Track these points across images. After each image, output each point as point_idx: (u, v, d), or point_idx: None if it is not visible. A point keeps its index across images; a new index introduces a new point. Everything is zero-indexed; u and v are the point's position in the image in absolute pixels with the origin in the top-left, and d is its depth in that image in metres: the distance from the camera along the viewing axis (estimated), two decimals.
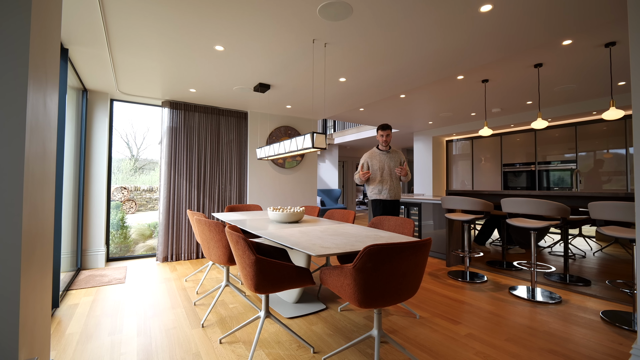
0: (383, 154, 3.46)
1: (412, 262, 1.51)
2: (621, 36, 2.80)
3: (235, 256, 1.84)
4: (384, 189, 3.38)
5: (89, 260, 3.80)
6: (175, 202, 4.25)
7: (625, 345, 1.99)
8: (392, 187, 3.40)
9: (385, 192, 3.38)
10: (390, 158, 3.44)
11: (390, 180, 3.40)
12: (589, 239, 5.38)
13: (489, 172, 6.87)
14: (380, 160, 3.43)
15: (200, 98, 4.21)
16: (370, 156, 3.49)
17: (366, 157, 3.50)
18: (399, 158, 3.47)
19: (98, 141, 3.90)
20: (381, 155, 3.45)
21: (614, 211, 2.32)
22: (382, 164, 3.41)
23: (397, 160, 3.45)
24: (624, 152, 4.96)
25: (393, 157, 3.45)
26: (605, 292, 2.91)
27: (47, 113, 1.08)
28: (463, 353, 1.90)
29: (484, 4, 2.02)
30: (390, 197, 3.38)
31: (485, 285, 3.19)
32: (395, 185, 3.42)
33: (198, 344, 2.02)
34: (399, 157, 3.48)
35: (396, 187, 3.42)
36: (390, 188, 3.39)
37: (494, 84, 4.15)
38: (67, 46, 2.65)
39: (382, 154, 3.46)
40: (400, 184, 3.46)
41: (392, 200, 3.41)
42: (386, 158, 3.43)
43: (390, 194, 3.38)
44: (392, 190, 3.39)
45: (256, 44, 2.61)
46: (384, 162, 3.42)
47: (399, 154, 3.50)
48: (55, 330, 2.20)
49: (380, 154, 3.46)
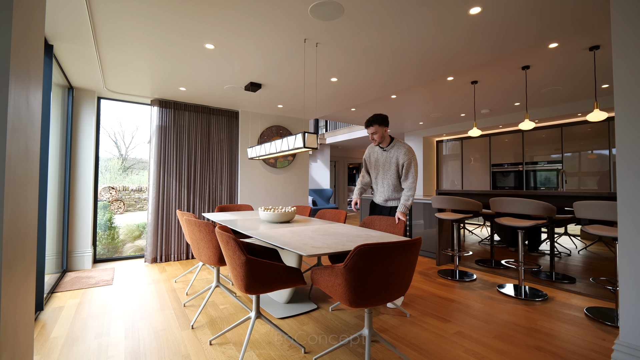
0: (379, 150, 2.82)
1: (402, 262, 1.52)
2: (604, 40, 2.88)
3: (225, 257, 1.82)
4: (377, 192, 2.90)
5: (75, 262, 3.72)
6: (165, 202, 4.18)
7: (609, 340, 2.05)
8: (382, 192, 2.83)
9: (377, 195, 2.91)
10: (385, 157, 2.76)
11: (382, 184, 2.81)
12: (574, 237, 5.52)
13: (478, 172, 6.98)
14: (376, 159, 2.86)
15: (190, 97, 4.16)
16: (368, 154, 2.96)
17: (365, 156, 2.99)
18: (395, 158, 2.69)
19: (85, 140, 3.81)
20: (378, 152, 2.85)
21: (597, 210, 2.39)
22: (377, 163, 2.85)
23: (393, 160, 2.70)
24: (607, 153, 5.10)
25: (388, 156, 2.74)
26: (590, 289, 2.99)
27: (30, 111, 1.05)
28: (452, 351, 1.93)
29: (473, 6, 2.05)
30: (380, 202, 2.89)
31: (474, 283, 3.24)
32: (387, 192, 2.78)
33: (188, 345, 2.00)
34: (396, 156, 2.69)
35: (387, 193, 2.79)
36: (380, 192, 2.85)
37: (483, 86, 4.22)
38: (51, 42, 2.58)
39: (379, 151, 2.83)
40: (392, 189, 2.76)
41: (383, 207, 2.88)
42: (381, 157, 2.81)
43: (381, 198, 2.86)
44: (382, 195, 2.84)
45: (247, 42, 2.59)
46: (378, 163, 2.83)
47: (398, 153, 2.68)
48: (39, 334, 2.14)
49: (377, 151, 2.85)
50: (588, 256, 4.41)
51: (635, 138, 1.57)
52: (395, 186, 2.75)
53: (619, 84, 1.64)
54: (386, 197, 2.82)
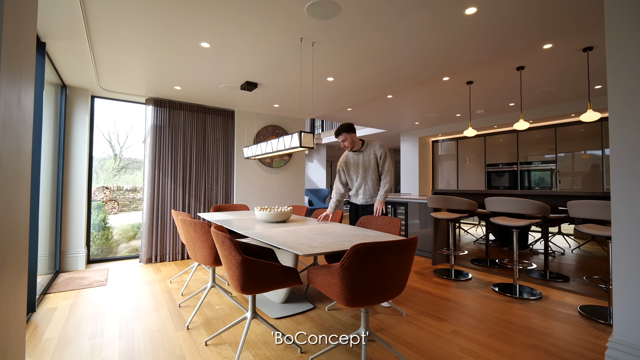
0: (355, 154, 2.99)
1: (398, 261, 1.52)
2: (598, 41, 2.91)
3: (221, 256, 1.81)
4: (359, 192, 2.99)
5: (68, 263, 3.67)
6: (160, 202, 4.15)
7: (602, 338, 2.07)
8: (367, 190, 2.94)
9: (360, 196, 2.99)
10: (364, 157, 2.95)
11: (366, 183, 2.94)
12: (568, 236, 5.58)
13: (473, 172, 7.02)
14: (354, 163, 3.00)
15: (185, 96, 4.13)
16: (344, 160, 3.08)
17: (341, 163, 3.10)
18: (373, 154, 2.91)
19: (78, 139, 3.77)
20: (353, 157, 3.01)
21: (591, 209, 2.41)
22: (356, 166, 2.98)
23: (372, 157, 2.91)
24: (600, 153, 5.16)
25: (366, 155, 2.94)
26: (583, 288, 3.02)
27: (21, 109, 1.03)
28: (448, 350, 1.94)
29: (469, 6, 2.06)
30: (365, 202, 2.97)
31: (469, 282, 3.26)
32: (371, 188, 2.94)
33: (183, 346, 1.98)
34: (373, 152, 2.91)
35: (371, 189, 2.93)
36: (365, 191, 2.95)
37: (478, 86, 4.24)
38: (44, 40, 2.55)
39: (354, 155, 3.01)
40: (376, 185, 2.94)
41: (370, 205, 2.97)
42: (359, 158, 2.97)
43: (365, 198, 2.96)
44: (367, 193, 2.94)
45: (243, 41, 2.57)
46: (357, 163, 2.98)
47: (374, 148, 2.92)
48: (32, 336, 2.11)
49: (353, 155, 3.02)
50: (581, 255, 4.45)
51: (629, 137, 1.59)
52: (378, 180, 2.96)
53: (613, 85, 1.66)
54: (371, 194, 2.95)
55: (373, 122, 6.77)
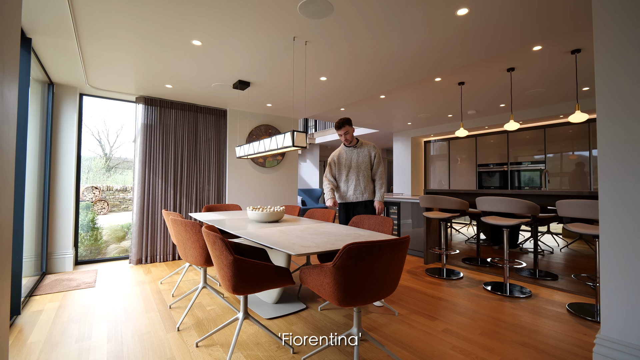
0: (349, 150, 3.09)
1: (391, 260, 1.52)
2: (586, 44, 2.97)
3: (212, 257, 1.79)
4: (349, 189, 3.05)
5: (55, 264, 3.59)
6: (150, 202, 4.09)
7: (590, 335, 2.10)
8: (358, 186, 3.00)
9: (350, 193, 3.04)
10: (358, 153, 3.04)
11: (358, 179, 3.01)
12: (557, 235, 5.68)
13: (464, 172, 7.10)
14: (347, 158, 3.08)
15: (177, 94, 4.08)
16: (337, 154, 3.15)
17: (333, 157, 3.16)
18: (368, 152, 3.03)
19: (66, 138, 3.69)
20: (347, 151, 3.10)
21: (579, 209, 2.46)
22: (349, 160, 3.06)
23: (366, 154, 3.02)
24: (588, 154, 5.27)
25: (361, 152, 3.04)
26: (571, 286, 3.07)
27: (4, 105, 1.00)
28: (440, 348, 1.95)
29: (461, 7, 2.08)
30: (356, 199, 3.02)
31: (461, 281, 3.29)
32: (363, 185, 3.00)
33: (173, 348, 1.95)
34: (368, 151, 3.04)
35: (363, 185, 3.00)
36: (356, 186, 3.01)
37: (469, 87, 4.29)
38: (30, 35, 2.48)
39: (348, 150, 3.10)
40: (368, 181, 3.03)
41: (360, 202, 3.02)
42: (353, 154, 3.07)
43: (356, 194, 3.01)
44: (358, 189, 3.00)
45: (235, 39, 2.55)
46: (350, 159, 3.06)
47: (369, 147, 3.05)
48: (16, 340, 2.05)
49: (347, 151, 3.10)
50: (569, 254, 4.54)
51: (616, 138, 1.62)
52: (370, 178, 3.08)
53: (601, 86, 1.69)
54: (362, 190, 3.04)
55: (366, 122, 6.79)
